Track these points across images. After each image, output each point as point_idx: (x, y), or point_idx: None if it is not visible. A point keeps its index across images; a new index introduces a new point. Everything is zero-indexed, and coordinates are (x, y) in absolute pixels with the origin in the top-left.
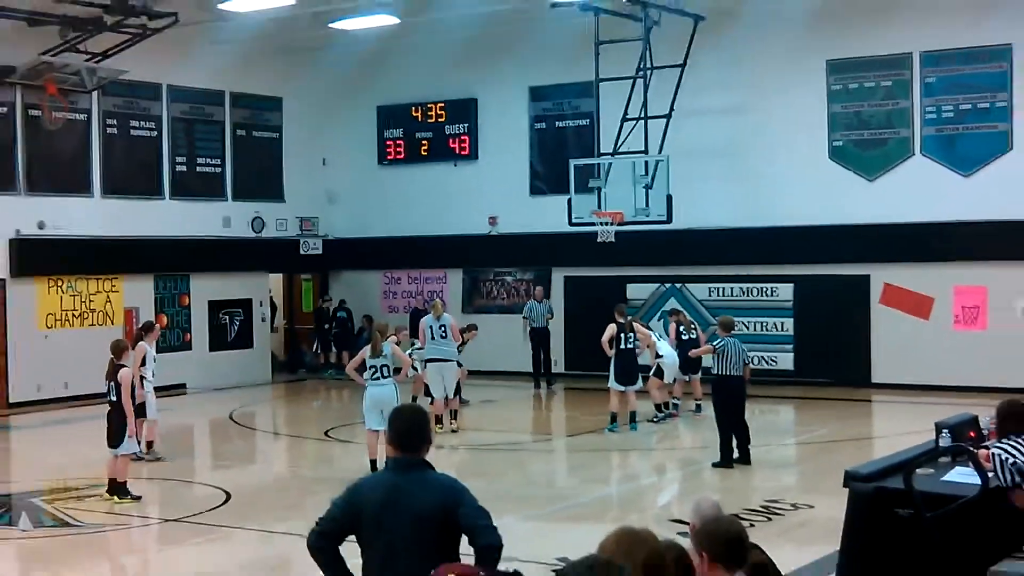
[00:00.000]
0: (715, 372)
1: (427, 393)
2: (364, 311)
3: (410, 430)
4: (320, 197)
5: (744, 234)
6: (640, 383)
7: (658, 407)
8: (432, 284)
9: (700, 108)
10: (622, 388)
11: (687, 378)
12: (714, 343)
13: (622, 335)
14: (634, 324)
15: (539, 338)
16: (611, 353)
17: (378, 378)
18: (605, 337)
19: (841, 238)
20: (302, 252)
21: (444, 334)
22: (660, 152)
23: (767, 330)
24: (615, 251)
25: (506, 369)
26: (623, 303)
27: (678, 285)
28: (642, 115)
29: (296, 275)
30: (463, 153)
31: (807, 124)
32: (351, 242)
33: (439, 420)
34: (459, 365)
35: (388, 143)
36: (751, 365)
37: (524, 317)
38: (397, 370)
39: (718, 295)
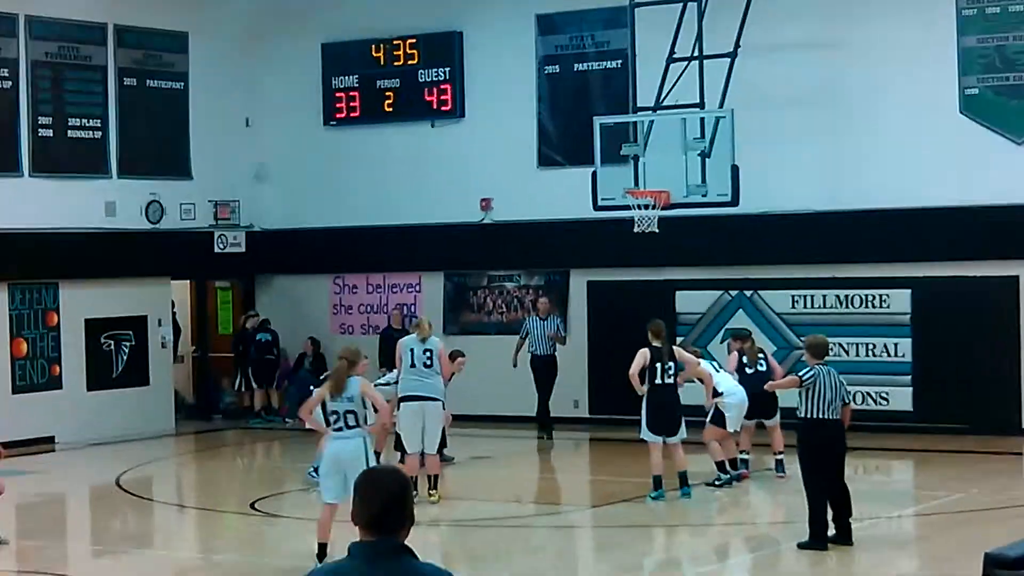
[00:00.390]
0: (801, 415)
1: (397, 446)
2: (305, 332)
3: (387, 503)
4: (242, 173)
5: (840, 220)
6: (683, 432)
7: (720, 465)
8: (401, 295)
9: (777, 43)
10: (659, 439)
11: (759, 424)
12: (800, 374)
13: (658, 365)
14: (676, 349)
15: (542, 370)
16: (643, 390)
17: (341, 428)
18: (634, 368)
19: (979, 225)
20: (218, 250)
21: (429, 362)
22: (721, 106)
23: (875, 355)
24: (659, 246)
25: (504, 413)
26: (659, 319)
27: (748, 293)
28: (695, 54)
29: (209, 282)
30: (444, 109)
31: (928, 65)
32: (287, 236)
33: (413, 485)
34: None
35: (338, 96)
36: (852, 405)
37: (521, 338)
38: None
39: (804, 306)
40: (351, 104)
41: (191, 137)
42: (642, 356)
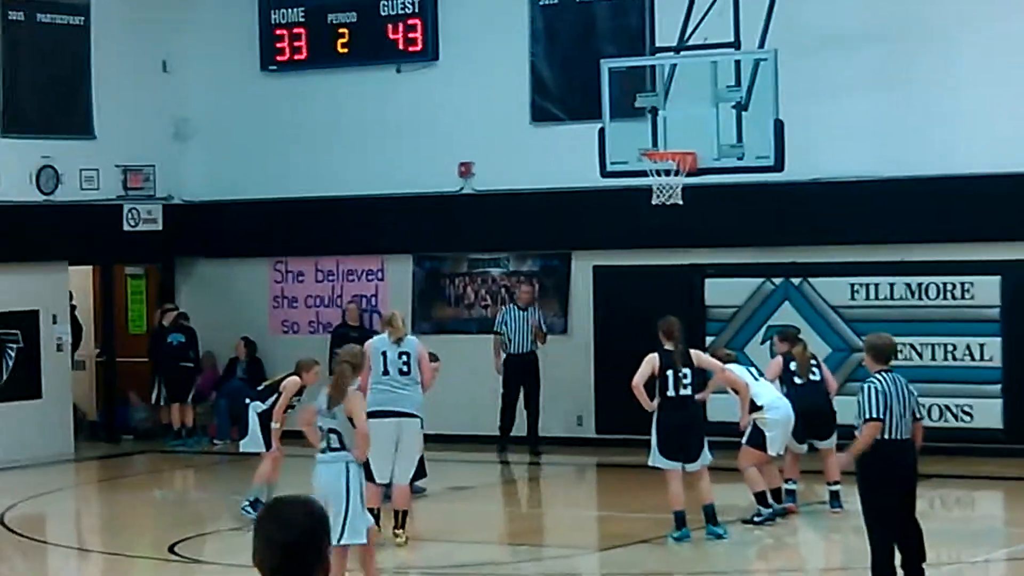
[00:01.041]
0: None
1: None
2: (237, 331)
3: (293, 545)
4: (159, 131)
5: (910, 190)
6: (707, 456)
7: (760, 497)
8: (360, 284)
9: None
10: (677, 466)
11: (807, 448)
12: (869, 384)
13: (670, 373)
14: (695, 353)
15: (520, 372)
16: (652, 406)
17: (324, 449)
18: (638, 378)
19: None
20: (128, 228)
21: (407, 368)
22: (762, 46)
23: (955, 359)
24: (683, 222)
25: (489, 432)
26: (672, 317)
27: (796, 281)
28: None
29: (117, 268)
30: (412, 50)
31: None
32: (214, 210)
33: (375, 520)
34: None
35: (279, 34)
36: (925, 421)
37: (496, 333)
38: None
39: (866, 297)
40: (295, 44)
41: (93, 86)
42: (649, 363)
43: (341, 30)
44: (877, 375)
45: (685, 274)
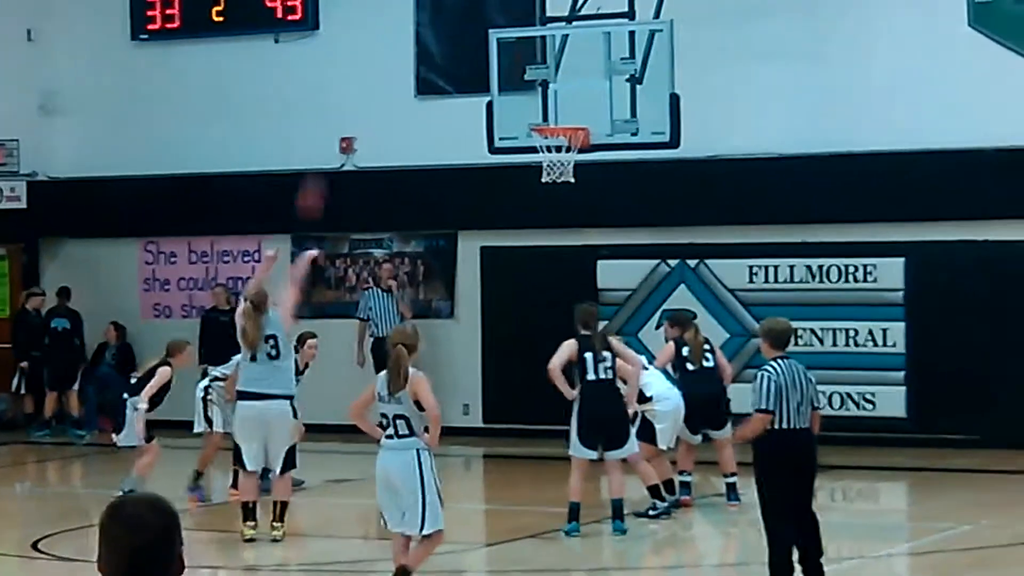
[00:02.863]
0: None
1: (236, 460)
2: (106, 315)
3: (142, 547)
4: (23, 104)
5: (813, 168)
6: (633, 446)
7: (654, 490)
8: (235, 264)
9: None
10: (592, 454)
11: (701, 437)
12: (764, 372)
13: (588, 355)
14: (610, 340)
15: (385, 356)
16: (572, 394)
17: (391, 436)
18: (556, 361)
19: (993, 173)
20: None
21: (275, 351)
22: (657, 16)
23: (857, 345)
24: (575, 200)
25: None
26: (591, 302)
27: (692, 263)
28: None
29: None
30: (291, 19)
31: None
32: (81, 187)
33: (249, 515)
34: (295, 413)
35: (150, 1)
36: (824, 409)
37: (361, 319)
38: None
39: (766, 280)
40: (168, 12)
41: None
42: (567, 348)
43: None
44: (773, 362)
45: (577, 255)
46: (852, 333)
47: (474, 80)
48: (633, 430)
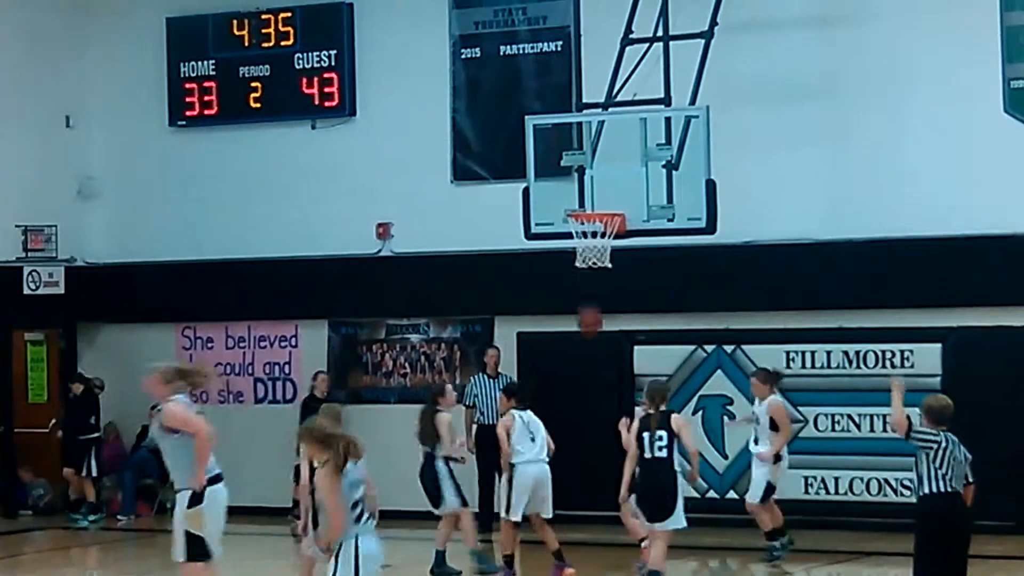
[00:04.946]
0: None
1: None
2: (144, 400)
3: None
4: (62, 189)
5: (848, 253)
6: (681, 520)
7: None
8: (272, 350)
9: (765, 21)
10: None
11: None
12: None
13: (646, 435)
14: (673, 417)
15: (494, 445)
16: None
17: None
18: (629, 432)
19: None
20: (28, 291)
21: None
22: (693, 103)
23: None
24: (611, 286)
25: (412, 508)
26: (658, 381)
27: (729, 348)
28: (659, 34)
29: (17, 333)
30: (328, 105)
31: (963, 49)
32: (119, 272)
33: None
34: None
35: (188, 87)
36: (871, 495)
37: (467, 407)
38: None
39: (802, 365)
40: (206, 99)
41: None
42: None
43: (254, 84)
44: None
45: (613, 341)
46: (891, 419)
47: (510, 166)
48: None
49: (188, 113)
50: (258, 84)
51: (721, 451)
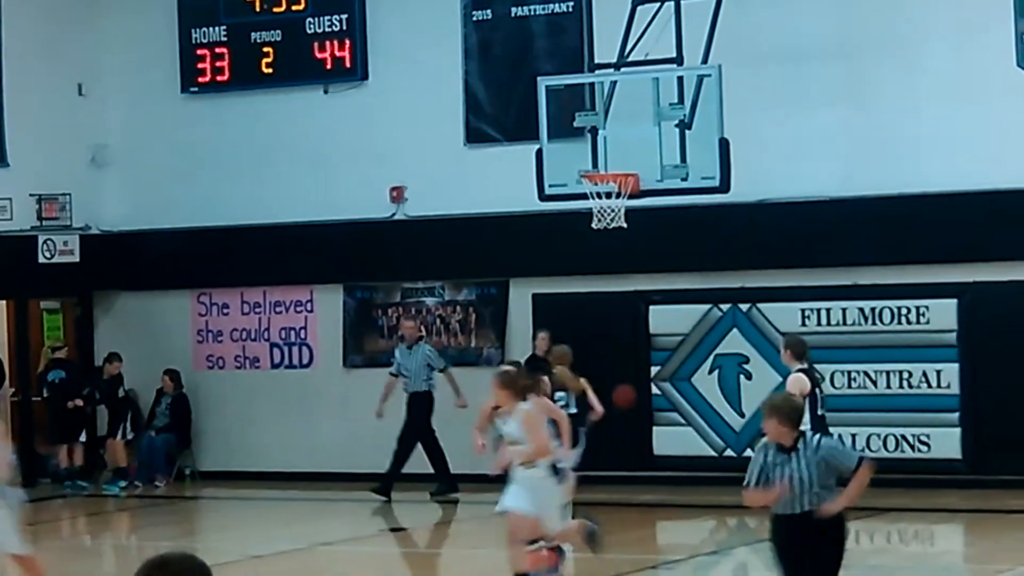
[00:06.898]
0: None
1: None
2: (159, 366)
3: None
4: (75, 157)
5: (864, 209)
6: None
7: None
8: (288, 315)
9: None
10: None
11: None
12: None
13: (818, 391)
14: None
15: (418, 410)
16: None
17: None
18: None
19: None
20: (43, 260)
21: None
22: (705, 61)
23: (911, 387)
24: (626, 246)
25: (428, 470)
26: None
27: (743, 307)
28: None
29: (32, 303)
30: (341, 70)
31: (974, 7)
32: (133, 240)
33: None
34: None
35: (200, 53)
36: (881, 451)
37: (392, 375)
38: None
39: (818, 323)
40: (217, 65)
41: (5, 110)
42: (799, 382)
43: (265, 49)
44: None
45: (628, 301)
46: (906, 375)
47: (523, 128)
48: None
49: (200, 80)
50: (270, 49)
51: (737, 410)
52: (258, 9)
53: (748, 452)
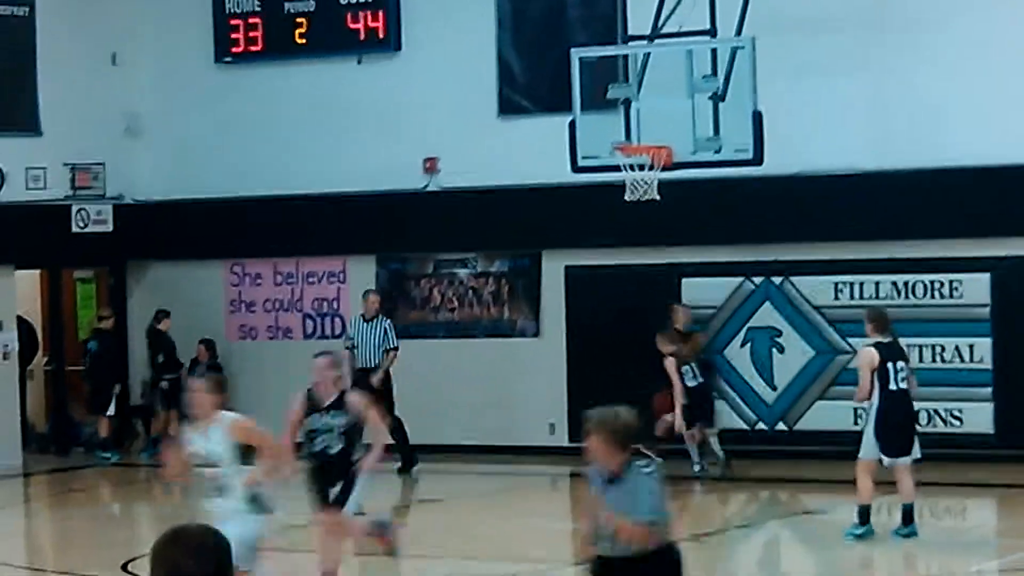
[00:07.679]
0: None
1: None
2: (193, 336)
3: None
4: (108, 127)
5: (898, 183)
6: (918, 451)
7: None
8: (321, 286)
9: None
10: (880, 458)
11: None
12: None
13: (890, 365)
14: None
15: (366, 386)
16: (868, 396)
17: None
18: (865, 369)
19: None
20: (76, 229)
21: None
22: (739, 33)
23: (944, 361)
24: (659, 218)
25: (460, 442)
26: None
27: (777, 280)
28: None
29: (66, 272)
30: (374, 40)
31: None
32: (167, 209)
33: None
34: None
35: (233, 24)
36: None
37: (347, 348)
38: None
39: (851, 296)
40: (251, 35)
41: (39, 80)
42: (869, 356)
43: (299, 19)
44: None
45: (662, 273)
46: (939, 349)
47: (556, 99)
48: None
49: (234, 50)
50: (303, 19)
51: (770, 383)
52: None
53: (780, 425)
